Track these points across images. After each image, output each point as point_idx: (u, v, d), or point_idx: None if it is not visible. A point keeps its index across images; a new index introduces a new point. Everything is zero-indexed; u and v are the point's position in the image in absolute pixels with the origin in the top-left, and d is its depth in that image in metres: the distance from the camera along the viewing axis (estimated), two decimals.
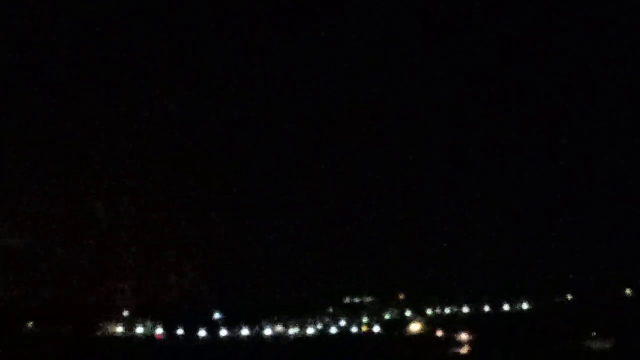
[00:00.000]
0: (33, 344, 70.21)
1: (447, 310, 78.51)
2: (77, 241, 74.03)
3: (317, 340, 75.83)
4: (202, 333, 74.40)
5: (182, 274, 75.37)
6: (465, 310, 78.51)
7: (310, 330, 76.20)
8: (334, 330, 76.57)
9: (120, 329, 73.78)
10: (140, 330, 74.01)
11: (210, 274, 75.57)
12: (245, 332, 75.25)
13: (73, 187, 74.79)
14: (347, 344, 75.91)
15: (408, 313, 78.07)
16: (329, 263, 76.56)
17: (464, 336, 75.65)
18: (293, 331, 76.01)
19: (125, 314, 74.31)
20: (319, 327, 76.43)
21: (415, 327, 77.15)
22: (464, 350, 75.17)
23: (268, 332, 75.62)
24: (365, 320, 77.31)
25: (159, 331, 74.06)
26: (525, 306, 78.71)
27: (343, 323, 76.92)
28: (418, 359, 74.90)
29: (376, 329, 77.07)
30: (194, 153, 76.92)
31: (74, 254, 73.65)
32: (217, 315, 75.47)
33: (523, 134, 78.67)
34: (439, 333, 76.46)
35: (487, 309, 78.53)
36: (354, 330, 76.91)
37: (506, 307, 78.67)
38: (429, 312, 78.43)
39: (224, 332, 74.86)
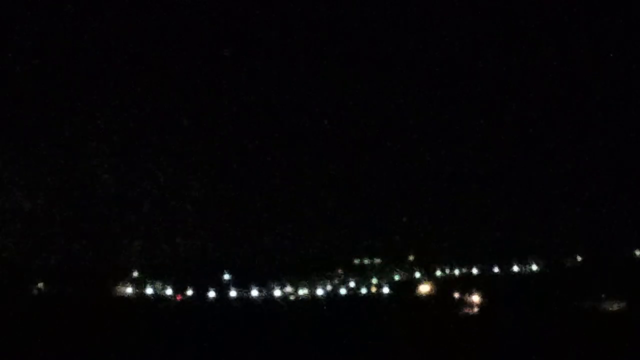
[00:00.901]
0: (44, 304, 69.98)
1: (457, 272, 78.45)
2: (85, 201, 73.47)
3: (326, 301, 75.71)
4: (212, 294, 74.17)
5: (191, 234, 74.93)
6: (475, 271, 78.44)
7: (320, 291, 76.03)
8: (343, 291, 76.45)
9: (129, 290, 73.47)
10: (149, 290, 73.73)
11: (219, 234, 75.18)
12: (254, 292, 75.00)
13: (80, 147, 74.11)
14: (356, 304, 75.86)
15: (417, 274, 77.98)
16: (338, 224, 76.24)
17: (475, 297, 75.63)
18: (302, 292, 75.81)
19: (135, 274, 74.03)
20: (328, 288, 76.27)
21: (425, 288, 77.07)
22: (475, 311, 75.19)
23: (277, 293, 75.39)
24: (374, 281, 77.18)
25: (169, 291, 73.82)
26: (534, 267, 78.66)
27: (352, 284, 76.78)
28: (427, 320, 74.81)
29: (385, 290, 76.98)
30: (204, 113, 76.39)
31: (82, 213, 73.10)
32: (225, 276, 75.17)
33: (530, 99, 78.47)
34: (450, 294, 76.44)
35: (496, 270, 78.48)
36: (363, 291, 76.83)
37: (515, 269, 78.62)
38: (438, 273, 78.36)
39: (233, 293, 74.62)
